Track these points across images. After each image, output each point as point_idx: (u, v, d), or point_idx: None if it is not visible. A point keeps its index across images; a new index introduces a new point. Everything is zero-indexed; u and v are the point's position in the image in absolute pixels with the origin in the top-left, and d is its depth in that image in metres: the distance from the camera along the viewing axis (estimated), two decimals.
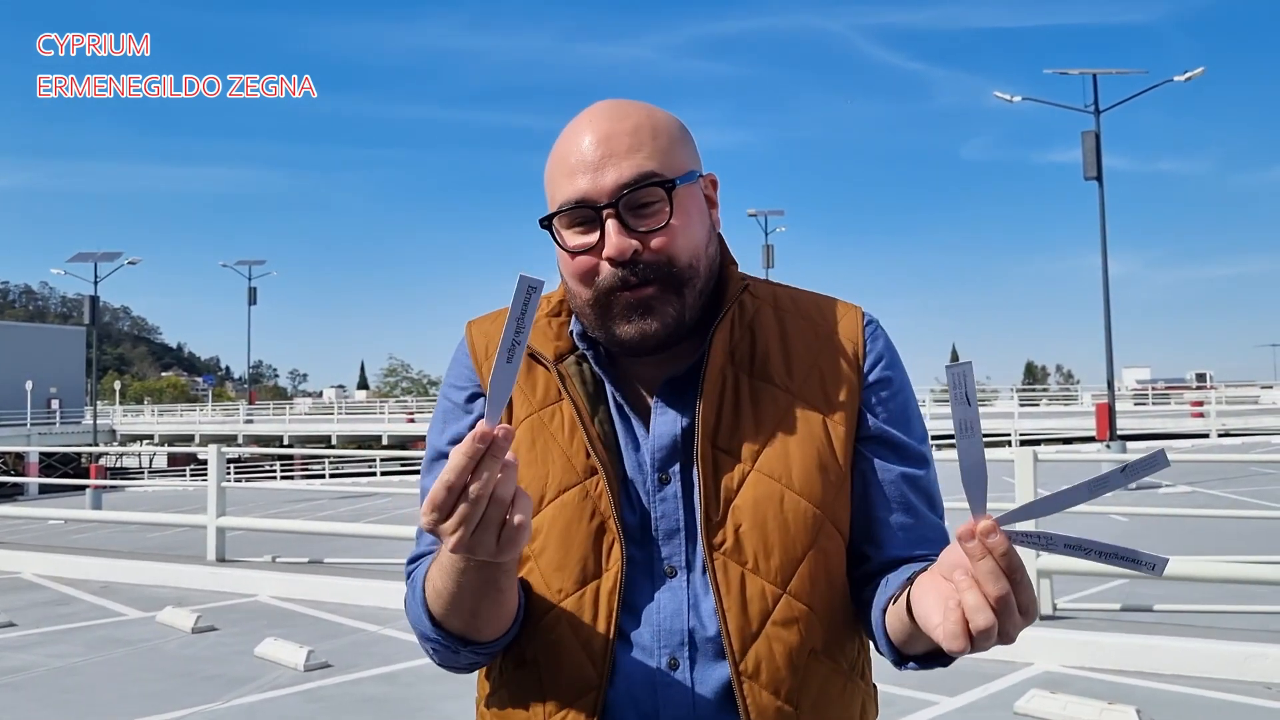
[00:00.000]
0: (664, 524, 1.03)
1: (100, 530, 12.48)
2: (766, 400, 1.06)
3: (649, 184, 1.00)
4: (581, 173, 1.01)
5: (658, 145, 1.03)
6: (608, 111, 1.04)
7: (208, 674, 5.50)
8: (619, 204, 1.00)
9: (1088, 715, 4.26)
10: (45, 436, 40.66)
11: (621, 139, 1.01)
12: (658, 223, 1.01)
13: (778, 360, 1.08)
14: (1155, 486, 14.89)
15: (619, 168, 1.00)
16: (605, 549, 1.02)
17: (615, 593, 1.01)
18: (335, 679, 5.33)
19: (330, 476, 29.06)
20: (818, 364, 1.08)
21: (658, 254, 1.01)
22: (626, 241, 1.00)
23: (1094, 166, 18.47)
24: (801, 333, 1.10)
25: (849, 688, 1.07)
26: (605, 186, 1.00)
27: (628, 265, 1.00)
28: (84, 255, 39.36)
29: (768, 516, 1.02)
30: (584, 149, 1.01)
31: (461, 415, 1.13)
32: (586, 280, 1.03)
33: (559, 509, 1.03)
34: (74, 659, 5.92)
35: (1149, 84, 20.07)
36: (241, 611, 7.24)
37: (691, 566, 1.02)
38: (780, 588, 1.01)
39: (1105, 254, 18.26)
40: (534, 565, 1.05)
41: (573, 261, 1.03)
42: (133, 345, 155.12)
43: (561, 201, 1.02)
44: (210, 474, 8.92)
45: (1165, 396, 41.28)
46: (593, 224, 1.01)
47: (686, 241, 1.03)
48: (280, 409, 54.24)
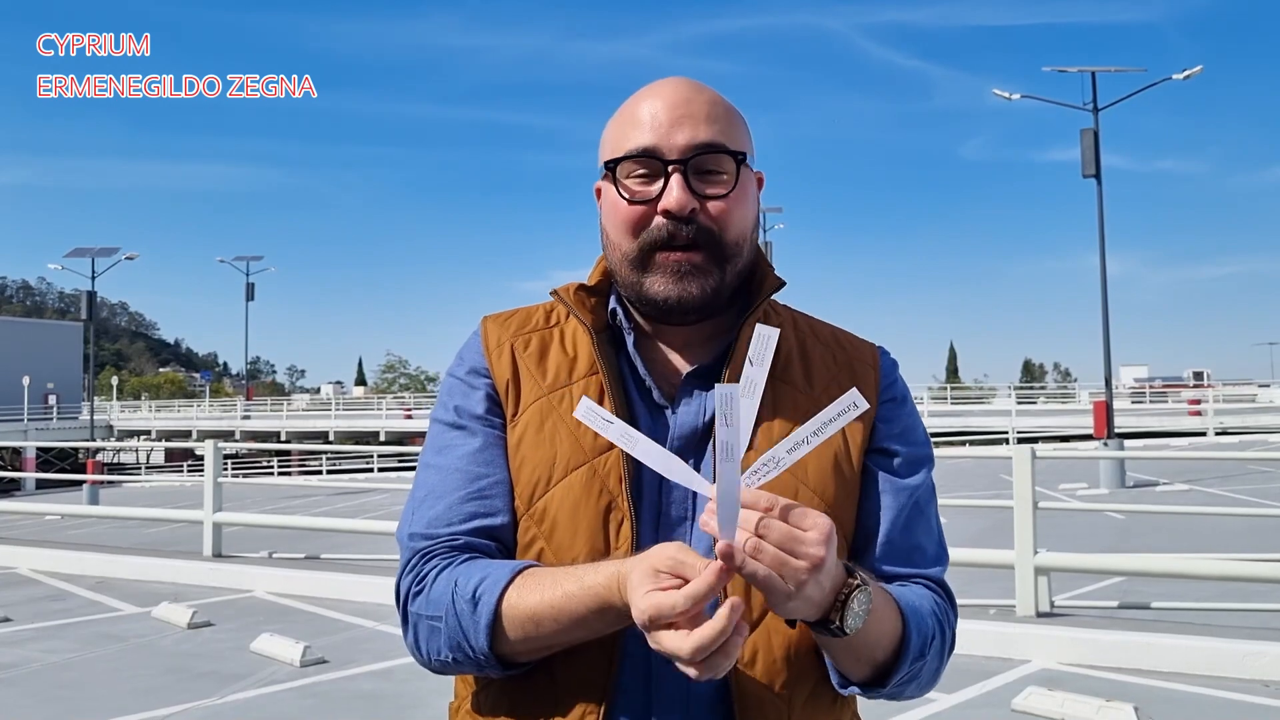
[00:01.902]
0: (674, 510, 1.04)
1: (97, 525, 12.47)
2: (787, 401, 1.08)
3: (721, 150, 1.03)
4: (653, 128, 1.03)
5: (730, 122, 1.06)
6: (685, 84, 1.06)
7: (203, 669, 5.49)
8: (688, 161, 1.01)
9: (1085, 713, 4.26)
10: (42, 432, 40.63)
11: (699, 105, 1.04)
12: (721, 189, 1.03)
13: (798, 368, 1.11)
14: (1153, 484, 14.91)
15: (694, 129, 1.02)
16: (614, 527, 1.02)
17: None
18: (331, 675, 5.32)
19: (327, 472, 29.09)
20: (837, 378, 1.11)
21: (714, 220, 1.03)
22: (687, 197, 1.02)
23: (1092, 165, 18.45)
24: (820, 354, 1.13)
25: (838, 694, 1.06)
26: (677, 143, 1.02)
27: (682, 222, 1.02)
28: (81, 250, 39.30)
29: None
30: (658, 108, 1.03)
31: (469, 390, 1.12)
32: (634, 230, 1.05)
33: (566, 488, 1.03)
34: (69, 654, 5.90)
35: (1148, 82, 20.09)
36: (238, 607, 7.23)
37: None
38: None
39: (1103, 252, 18.26)
40: (544, 545, 1.04)
41: (627, 209, 1.04)
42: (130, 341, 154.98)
43: (627, 150, 1.04)
44: (207, 469, 8.91)
45: (1163, 395, 41.32)
46: (655, 177, 1.03)
47: (740, 218, 1.05)
48: (278, 405, 54.22)
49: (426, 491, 1.10)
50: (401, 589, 1.06)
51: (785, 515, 0.84)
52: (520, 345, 1.12)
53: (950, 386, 58.68)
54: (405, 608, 1.05)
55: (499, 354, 1.12)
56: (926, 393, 44.80)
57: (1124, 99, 19.98)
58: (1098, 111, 19.10)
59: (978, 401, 44.73)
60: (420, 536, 1.07)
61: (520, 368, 1.11)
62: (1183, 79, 19.74)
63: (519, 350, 1.12)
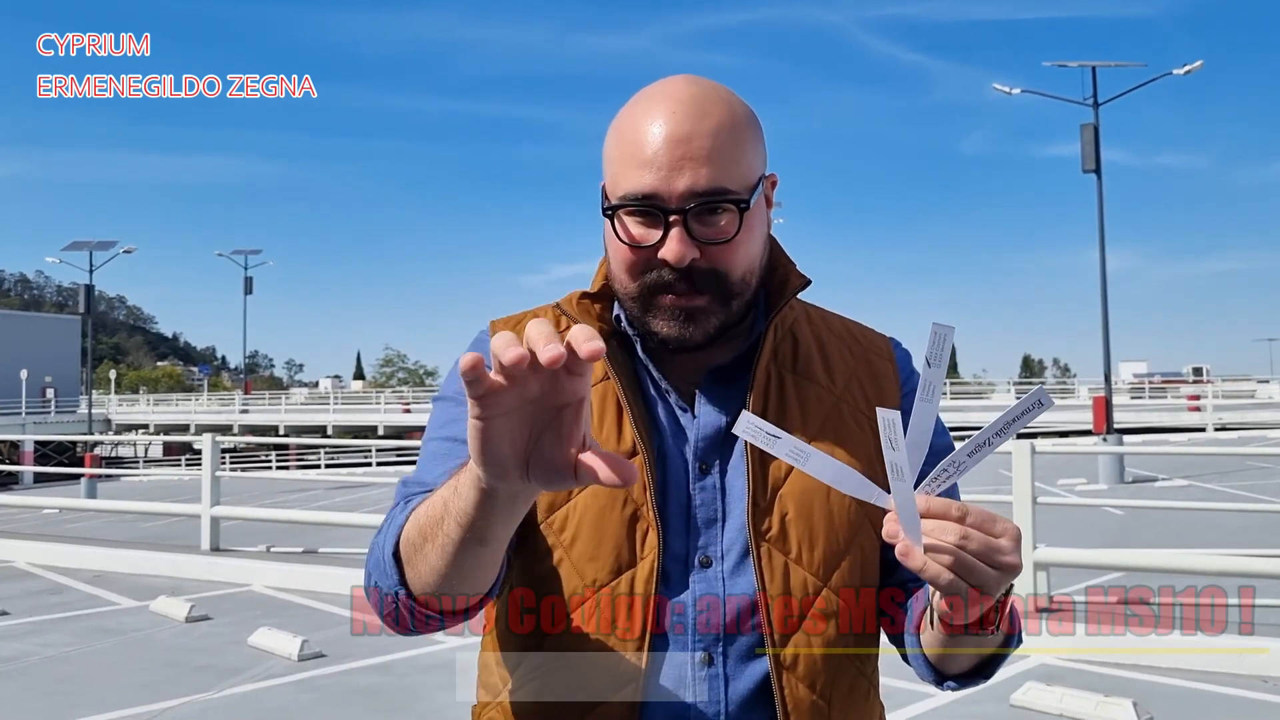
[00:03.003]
0: (702, 512, 1.01)
1: (95, 519, 12.45)
2: (812, 397, 1.06)
3: (723, 200, 0.97)
4: (653, 169, 0.96)
5: (736, 153, 0.98)
6: (689, 105, 0.98)
7: (201, 663, 5.49)
8: (688, 211, 0.96)
9: (1084, 708, 4.26)
10: (40, 425, 40.60)
11: (702, 142, 0.96)
12: (723, 235, 0.98)
13: (818, 364, 1.09)
14: (1152, 480, 14.92)
15: (695, 174, 0.96)
16: (640, 537, 0.99)
17: (651, 581, 0.98)
18: (329, 669, 5.31)
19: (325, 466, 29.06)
20: (856, 374, 1.10)
21: (715, 266, 0.98)
22: (686, 249, 0.96)
23: (1093, 160, 18.44)
24: (837, 346, 1.12)
25: (871, 694, 1.07)
26: (677, 190, 0.96)
27: (681, 271, 0.98)
28: (79, 244, 39.27)
29: (814, 507, 1.01)
30: (659, 144, 0.96)
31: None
32: (634, 273, 1.00)
33: (591, 497, 1.00)
34: (67, 648, 5.90)
35: (1148, 77, 20.08)
36: (235, 601, 7.22)
37: (727, 557, 1.00)
38: (822, 580, 1.00)
39: (1103, 248, 18.25)
40: (564, 556, 1.01)
41: (627, 252, 1.00)
42: (128, 335, 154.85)
43: (628, 193, 0.98)
44: (205, 463, 8.90)
45: (1162, 390, 41.32)
46: (656, 220, 0.98)
47: (746, 257, 1.00)
48: (276, 399, 54.16)
49: (425, 462, 1.06)
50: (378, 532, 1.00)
51: (979, 524, 0.82)
52: None
53: (950, 381, 58.70)
54: (370, 544, 1.00)
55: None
56: None
57: (1124, 94, 19.99)
58: (1098, 106, 19.11)
59: (977, 397, 44.74)
60: (415, 483, 1.03)
61: None
62: (1183, 74, 19.73)
63: None
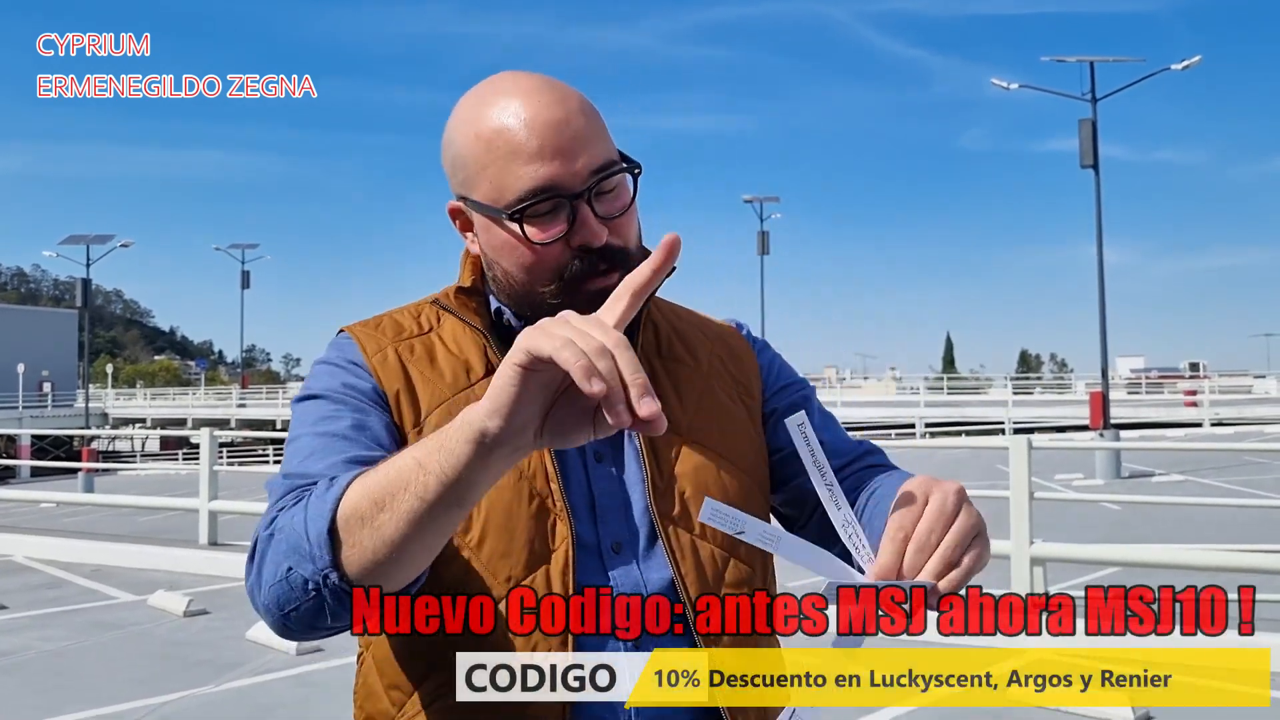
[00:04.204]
0: (603, 499, 1.01)
1: (92, 513, 12.45)
2: (684, 377, 1.09)
3: (618, 171, 0.97)
4: (544, 158, 0.94)
5: (603, 127, 0.99)
6: (547, 93, 0.97)
7: (199, 658, 5.49)
8: (591, 192, 0.96)
9: (1081, 705, 4.26)
10: (37, 419, 40.56)
11: (577, 120, 0.96)
12: (620, 208, 0.98)
13: (679, 346, 1.12)
14: (1149, 475, 14.95)
15: (587, 153, 0.95)
16: (549, 528, 0.97)
17: (568, 572, 0.96)
18: (327, 663, 5.32)
19: None
20: (716, 352, 1.13)
21: (623, 240, 0.99)
22: (601, 228, 0.96)
23: (1090, 155, 18.45)
24: (690, 330, 1.15)
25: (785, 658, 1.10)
26: (579, 173, 0.95)
27: (599, 252, 0.97)
28: (76, 238, 39.18)
29: (708, 483, 1.03)
30: (540, 132, 0.94)
31: (356, 377, 1.01)
32: (552, 272, 0.97)
33: (496, 493, 0.96)
34: (65, 642, 5.90)
35: (1146, 72, 20.08)
36: (233, 595, 7.22)
37: (635, 541, 1.00)
38: (728, 551, 1.02)
39: (1100, 243, 18.26)
40: (472, 555, 0.96)
41: (536, 254, 0.97)
42: (125, 329, 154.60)
43: (524, 191, 0.94)
44: (203, 458, 8.90)
45: (1159, 385, 41.41)
46: (556, 211, 0.96)
47: (638, 225, 1.03)
48: (273, 393, 54.10)
49: (303, 456, 0.94)
50: (262, 523, 0.88)
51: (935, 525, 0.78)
52: (405, 350, 1.04)
53: (947, 377, 58.82)
54: (256, 537, 0.87)
55: (381, 359, 1.02)
56: (923, 383, 44.86)
57: (1122, 89, 20.00)
58: (1096, 102, 19.11)
59: (974, 392, 44.77)
60: (299, 476, 0.91)
61: (412, 372, 1.02)
62: (1182, 69, 19.73)
63: (405, 355, 1.03)
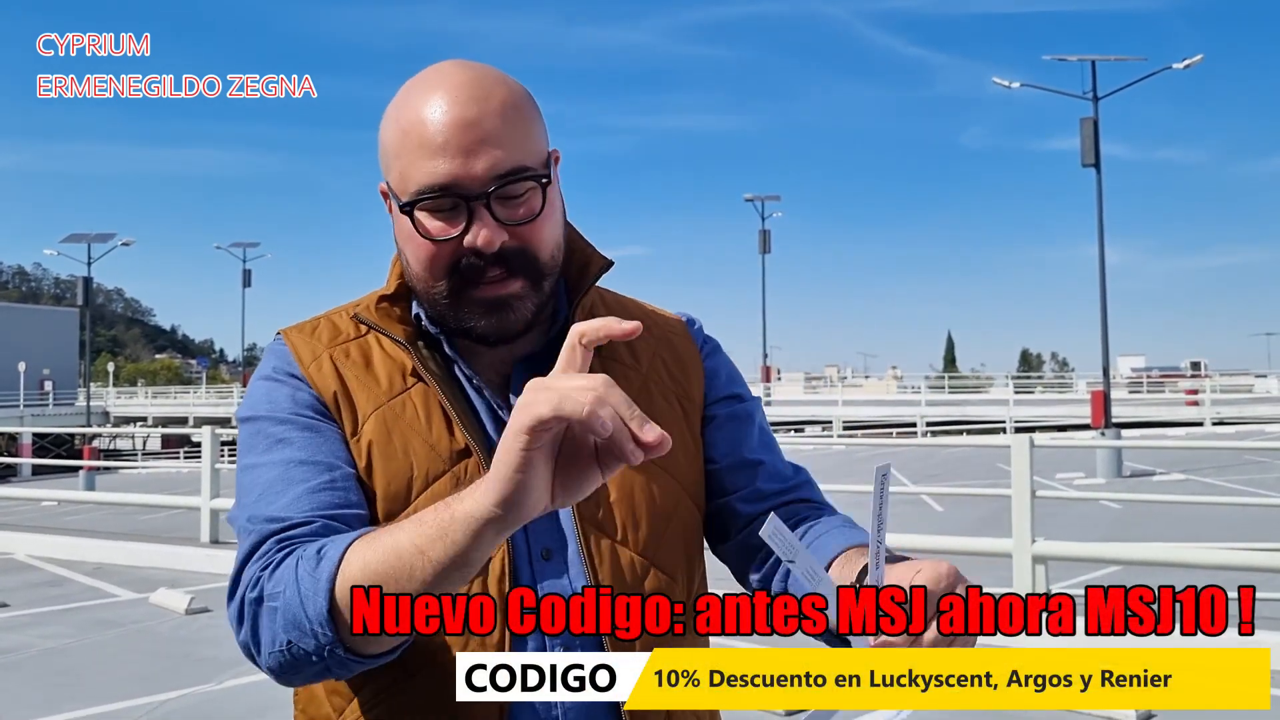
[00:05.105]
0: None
1: (94, 512, 12.46)
2: (619, 379, 1.05)
3: (524, 177, 0.95)
4: (447, 155, 0.93)
5: (525, 129, 0.97)
6: (470, 88, 0.95)
7: (201, 655, 5.49)
8: (491, 195, 0.94)
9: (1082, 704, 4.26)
10: (38, 418, 40.59)
11: (492, 122, 0.94)
12: (527, 215, 0.96)
13: (621, 345, 1.08)
14: (1150, 474, 14.94)
15: (491, 155, 0.93)
16: None
17: (504, 580, 0.96)
18: None
19: None
20: (659, 353, 1.11)
21: (524, 247, 0.97)
22: (495, 234, 0.94)
23: (1092, 154, 18.42)
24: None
25: None
26: (477, 175, 0.93)
27: (492, 257, 0.95)
28: (77, 236, 39.21)
29: (634, 488, 1.01)
30: (449, 130, 0.93)
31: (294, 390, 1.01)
32: (442, 269, 0.97)
33: (430, 500, 0.93)
34: (67, 640, 5.90)
35: (1148, 71, 20.05)
36: None
37: (565, 546, 0.99)
38: (648, 559, 1.01)
39: (1102, 242, 18.24)
40: None
41: (433, 248, 0.96)
42: (126, 327, 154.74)
43: (423, 186, 0.94)
44: (205, 456, 8.91)
45: (1160, 385, 41.38)
46: (456, 210, 0.95)
47: (550, 234, 0.99)
48: None
49: (263, 489, 0.94)
50: (245, 576, 0.89)
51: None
52: (340, 355, 1.03)
53: (948, 376, 58.75)
54: (243, 596, 0.88)
55: (317, 367, 1.02)
56: (924, 382, 44.88)
57: (1124, 88, 19.97)
58: (1097, 100, 19.08)
59: (975, 391, 44.76)
60: (267, 520, 0.91)
61: (347, 378, 1.01)
62: (1183, 68, 19.71)
63: (340, 361, 1.03)
